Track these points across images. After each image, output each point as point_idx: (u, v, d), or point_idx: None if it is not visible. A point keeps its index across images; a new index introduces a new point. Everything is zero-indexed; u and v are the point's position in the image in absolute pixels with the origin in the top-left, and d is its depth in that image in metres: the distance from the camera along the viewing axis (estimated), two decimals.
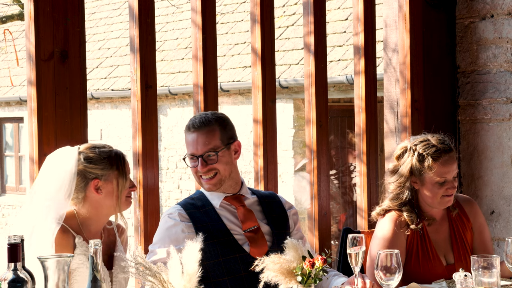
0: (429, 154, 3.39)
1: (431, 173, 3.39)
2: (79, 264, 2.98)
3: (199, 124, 3.23)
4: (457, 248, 3.48)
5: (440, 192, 3.40)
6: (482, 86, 4.64)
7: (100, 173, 3.04)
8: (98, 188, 3.04)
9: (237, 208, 3.27)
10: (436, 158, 3.39)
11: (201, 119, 3.25)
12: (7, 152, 14.45)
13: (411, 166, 3.42)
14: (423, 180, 3.42)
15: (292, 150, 10.37)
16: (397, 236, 3.42)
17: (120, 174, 3.08)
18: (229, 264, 3.15)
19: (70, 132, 3.38)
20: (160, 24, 12.62)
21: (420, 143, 3.44)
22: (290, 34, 10.81)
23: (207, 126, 3.23)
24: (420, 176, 3.42)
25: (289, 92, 10.29)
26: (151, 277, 2.49)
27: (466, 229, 3.54)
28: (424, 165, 3.39)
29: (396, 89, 4.57)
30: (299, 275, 2.66)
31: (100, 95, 12.25)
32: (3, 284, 2.19)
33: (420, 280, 3.36)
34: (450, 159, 3.40)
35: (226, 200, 3.28)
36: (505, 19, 4.53)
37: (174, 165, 11.76)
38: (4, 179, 14.47)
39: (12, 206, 13.98)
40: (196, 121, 3.24)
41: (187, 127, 3.26)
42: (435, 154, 3.39)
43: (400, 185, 3.46)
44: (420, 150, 3.42)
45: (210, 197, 3.28)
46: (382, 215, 3.50)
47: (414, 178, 3.44)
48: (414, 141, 3.48)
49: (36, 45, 3.30)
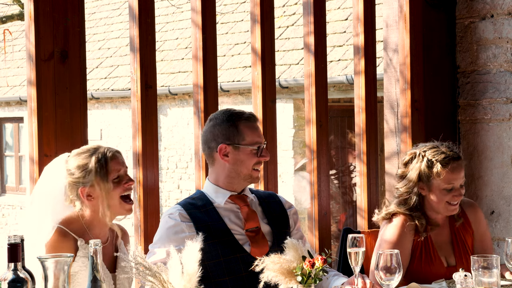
0: (438, 160, 3.43)
1: (439, 179, 3.42)
2: (81, 266, 2.98)
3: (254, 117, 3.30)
4: (458, 251, 3.51)
5: (446, 199, 3.43)
6: (482, 86, 4.64)
7: (82, 181, 3.04)
8: (88, 195, 3.04)
9: (241, 207, 3.27)
10: (445, 165, 3.42)
11: (252, 113, 3.30)
12: (7, 152, 14.45)
13: (419, 172, 3.46)
14: (430, 186, 3.45)
15: (292, 150, 10.37)
16: (404, 240, 3.45)
17: (100, 178, 3.04)
18: (229, 264, 3.15)
19: (70, 132, 3.38)
20: (160, 24, 12.62)
21: (430, 150, 3.47)
22: (290, 34, 10.81)
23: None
24: (428, 182, 3.45)
25: (289, 92, 10.29)
26: (151, 277, 2.49)
27: (468, 234, 3.57)
28: (433, 171, 3.43)
29: (396, 89, 4.57)
30: (299, 275, 2.66)
31: (100, 95, 12.25)
32: (3, 284, 2.19)
33: (421, 281, 3.37)
34: (459, 166, 3.44)
35: (231, 199, 3.27)
36: (505, 19, 4.53)
37: (174, 165, 11.76)
38: (4, 179, 14.46)
39: (12, 206, 13.98)
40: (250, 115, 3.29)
41: (246, 117, 3.25)
42: (444, 160, 3.42)
43: (408, 190, 3.49)
44: (429, 156, 3.45)
45: (214, 196, 3.27)
46: (389, 219, 3.53)
47: (421, 184, 3.47)
48: (423, 147, 3.52)
49: (36, 45, 3.30)
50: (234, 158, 3.22)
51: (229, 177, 3.25)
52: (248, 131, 3.22)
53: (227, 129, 3.22)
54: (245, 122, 3.23)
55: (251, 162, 3.23)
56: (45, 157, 3.27)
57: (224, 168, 3.24)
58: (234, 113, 3.25)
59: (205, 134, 3.28)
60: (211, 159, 3.27)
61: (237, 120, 3.23)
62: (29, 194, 3.18)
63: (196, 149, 3.88)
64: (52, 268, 2.18)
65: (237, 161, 3.22)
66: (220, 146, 3.21)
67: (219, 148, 3.21)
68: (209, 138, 3.25)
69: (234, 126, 3.21)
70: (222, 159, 3.22)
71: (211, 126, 3.26)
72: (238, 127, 3.21)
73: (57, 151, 3.31)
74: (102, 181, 3.03)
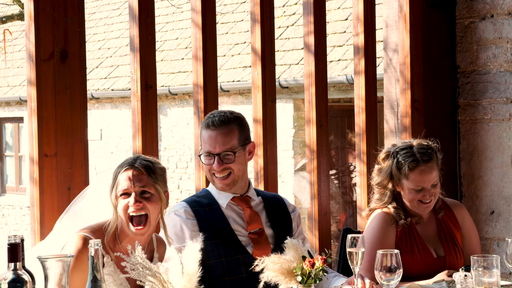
0: (406, 162, 3.49)
1: (407, 181, 3.49)
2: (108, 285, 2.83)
3: (218, 123, 3.19)
4: (446, 243, 3.58)
5: (417, 198, 3.50)
6: (482, 86, 4.64)
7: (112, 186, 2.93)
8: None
9: (244, 209, 3.27)
10: (412, 168, 3.48)
11: (221, 118, 3.21)
12: (7, 152, 14.45)
13: (391, 171, 3.54)
14: (401, 185, 3.53)
15: (292, 150, 10.37)
16: (385, 232, 3.51)
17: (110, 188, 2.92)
18: (231, 265, 3.15)
19: (70, 132, 3.37)
20: (160, 24, 12.62)
21: (402, 150, 3.54)
22: (290, 34, 10.81)
23: (226, 125, 3.20)
24: (399, 181, 3.53)
25: (289, 92, 10.29)
26: (151, 277, 2.49)
27: (455, 228, 3.63)
28: (401, 173, 3.50)
29: (396, 89, 4.57)
30: (299, 275, 2.66)
31: (100, 95, 12.25)
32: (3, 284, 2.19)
33: (412, 272, 3.42)
34: (428, 169, 3.48)
35: (233, 200, 3.27)
36: (505, 19, 4.53)
37: (174, 165, 11.76)
38: (4, 179, 14.46)
39: (12, 206, 13.97)
40: (216, 119, 3.20)
41: (206, 124, 3.22)
42: (412, 164, 3.48)
43: (382, 187, 3.59)
44: (400, 158, 3.52)
45: (217, 196, 3.27)
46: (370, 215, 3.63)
47: (395, 181, 3.55)
48: (398, 146, 3.59)
49: (36, 45, 3.30)
50: (204, 166, 3.31)
51: None
52: (206, 138, 3.24)
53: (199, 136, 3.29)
54: (205, 129, 3.24)
55: (207, 169, 3.27)
56: (45, 157, 3.27)
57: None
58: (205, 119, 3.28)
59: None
60: None
61: (202, 127, 3.26)
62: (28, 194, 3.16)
63: (196, 149, 3.88)
64: (52, 268, 2.18)
65: (205, 168, 3.29)
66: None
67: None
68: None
69: (201, 133, 3.27)
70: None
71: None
72: (201, 135, 3.26)
73: (57, 151, 3.31)
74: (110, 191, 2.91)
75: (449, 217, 3.63)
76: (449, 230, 3.60)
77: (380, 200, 3.59)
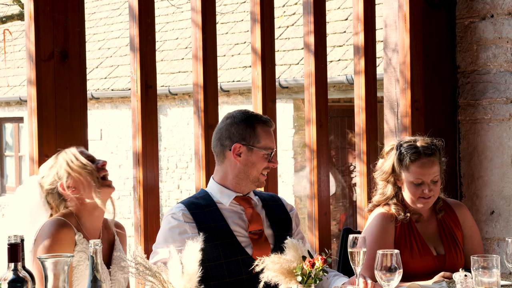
0: (408, 154, 3.49)
1: (407, 173, 3.49)
2: (79, 261, 2.97)
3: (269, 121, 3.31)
4: (446, 241, 3.57)
5: (417, 193, 3.50)
6: (482, 86, 4.64)
7: (58, 177, 3.04)
8: (69, 186, 3.03)
9: (246, 209, 3.27)
10: (414, 160, 3.48)
11: (269, 118, 3.31)
12: (7, 152, 14.45)
13: (392, 164, 3.54)
14: (401, 178, 3.52)
15: (292, 150, 10.37)
16: (384, 230, 3.51)
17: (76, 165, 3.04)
18: (230, 266, 3.14)
19: (70, 132, 3.37)
20: (160, 24, 12.63)
21: (406, 143, 3.55)
22: (290, 34, 10.81)
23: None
24: (399, 174, 3.52)
25: (289, 92, 10.29)
26: (151, 277, 2.49)
27: (456, 227, 3.63)
28: (402, 164, 3.50)
29: (396, 89, 4.57)
30: (299, 275, 2.66)
31: (100, 95, 12.25)
32: (3, 284, 2.19)
33: (412, 271, 3.42)
34: (429, 162, 3.48)
35: (236, 200, 3.27)
36: (505, 19, 4.53)
37: (174, 165, 11.76)
38: (4, 179, 14.46)
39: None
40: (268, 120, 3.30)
41: (265, 121, 3.26)
42: (414, 155, 3.48)
43: (384, 180, 3.59)
44: (402, 150, 3.52)
45: (219, 196, 3.26)
46: (372, 211, 3.63)
47: (395, 175, 3.54)
48: (403, 140, 3.59)
49: (36, 45, 3.30)
50: (246, 159, 3.22)
51: (237, 178, 3.24)
52: (264, 134, 3.23)
53: (244, 130, 3.22)
54: (262, 125, 3.24)
55: (262, 165, 3.23)
56: (45, 157, 3.27)
57: (234, 168, 3.24)
58: (253, 115, 3.27)
59: (220, 131, 3.27)
60: (222, 157, 3.26)
61: (256, 122, 3.24)
62: None
63: (196, 149, 3.88)
64: (52, 268, 2.18)
65: (249, 163, 3.22)
66: (234, 145, 3.21)
67: (233, 147, 3.21)
68: (224, 135, 3.25)
69: (251, 127, 3.22)
70: (235, 158, 3.22)
71: (228, 124, 3.25)
72: (255, 129, 3.22)
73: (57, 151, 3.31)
74: (78, 166, 3.04)
75: (450, 216, 3.63)
76: (449, 229, 3.59)
77: (383, 194, 3.58)
